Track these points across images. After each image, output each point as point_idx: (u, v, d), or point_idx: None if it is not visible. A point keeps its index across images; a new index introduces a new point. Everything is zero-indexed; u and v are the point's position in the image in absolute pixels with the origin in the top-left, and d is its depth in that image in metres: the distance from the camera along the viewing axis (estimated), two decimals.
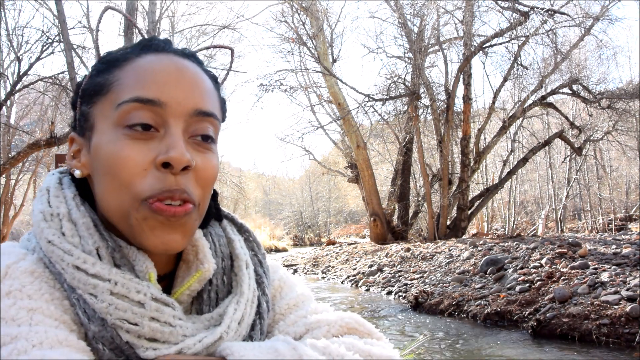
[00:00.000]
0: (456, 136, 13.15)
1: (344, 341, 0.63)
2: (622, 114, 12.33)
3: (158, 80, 0.60)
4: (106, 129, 0.60)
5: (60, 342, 0.51)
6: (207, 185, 0.63)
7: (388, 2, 13.60)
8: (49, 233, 0.59)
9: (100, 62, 0.65)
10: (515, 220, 17.72)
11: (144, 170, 0.58)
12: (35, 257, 0.59)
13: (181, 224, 0.59)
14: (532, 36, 11.44)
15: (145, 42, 0.65)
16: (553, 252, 7.11)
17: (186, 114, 0.61)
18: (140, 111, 0.59)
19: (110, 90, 0.61)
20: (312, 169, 33.78)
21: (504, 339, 5.16)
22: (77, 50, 8.42)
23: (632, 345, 4.49)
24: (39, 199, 0.63)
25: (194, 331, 0.60)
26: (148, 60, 0.62)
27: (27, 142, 10.79)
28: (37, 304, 0.54)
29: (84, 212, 0.61)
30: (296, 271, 12.97)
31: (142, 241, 0.59)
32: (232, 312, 0.64)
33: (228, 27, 11.21)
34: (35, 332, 0.50)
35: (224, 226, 0.75)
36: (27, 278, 0.56)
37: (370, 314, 6.82)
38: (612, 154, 18.90)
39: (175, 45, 0.67)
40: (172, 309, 0.59)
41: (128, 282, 0.57)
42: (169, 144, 0.58)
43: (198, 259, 0.66)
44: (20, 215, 17.44)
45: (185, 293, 0.65)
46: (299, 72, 15.31)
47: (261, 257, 0.75)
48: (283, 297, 0.75)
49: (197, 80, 0.63)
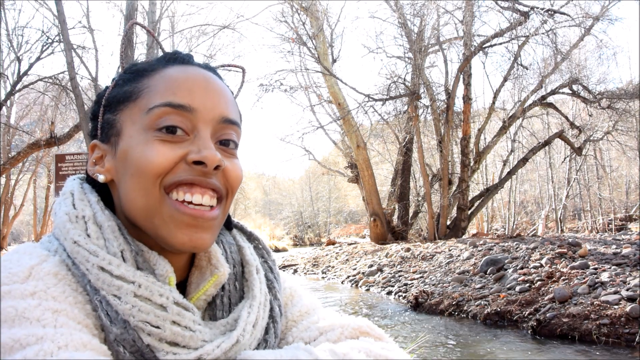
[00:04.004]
0: (456, 136, 13.16)
1: (362, 346, 0.64)
2: (622, 114, 12.33)
3: (188, 88, 0.63)
4: (135, 133, 0.62)
5: (84, 345, 0.51)
6: (234, 187, 0.66)
7: (388, 2, 13.61)
8: (74, 234, 0.60)
9: (126, 72, 0.68)
10: (515, 220, 17.72)
11: (174, 164, 0.60)
12: (57, 259, 0.59)
13: (208, 224, 0.62)
14: (532, 36, 11.44)
15: (170, 55, 0.68)
16: (553, 252, 7.11)
17: (214, 121, 0.64)
18: (172, 115, 0.62)
19: (139, 97, 0.64)
20: (312, 169, 33.80)
21: (504, 339, 5.16)
22: (77, 50, 8.42)
23: (632, 345, 4.49)
24: (63, 202, 0.64)
25: (212, 337, 0.61)
26: (176, 70, 0.65)
27: (27, 142, 10.79)
28: (62, 306, 0.54)
29: (109, 216, 0.62)
30: (296, 271, 12.97)
31: (169, 238, 0.60)
32: (246, 316, 0.65)
33: (228, 27, 11.21)
34: (60, 334, 0.50)
35: (234, 234, 0.77)
36: (51, 280, 0.56)
37: (370, 314, 6.82)
38: (612, 154, 18.91)
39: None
40: (192, 313, 0.60)
41: (151, 285, 0.58)
42: (200, 145, 0.61)
43: (212, 264, 0.67)
44: (20, 215, 17.44)
45: (201, 298, 0.66)
46: (299, 72, 15.31)
47: (271, 263, 0.77)
48: (295, 305, 0.77)
49: (223, 90, 0.67)
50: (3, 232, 13.47)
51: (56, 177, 6.12)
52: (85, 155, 6.16)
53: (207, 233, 0.61)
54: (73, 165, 6.22)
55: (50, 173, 14.70)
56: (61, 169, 6.18)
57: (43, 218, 17.05)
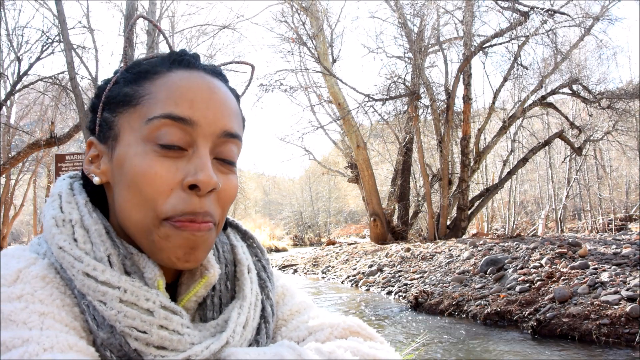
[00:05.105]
0: (456, 136, 13.16)
1: (349, 345, 0.63)
2: (622, 114, 12.33)
3: (190, 98, 0.61)
4: (133, 142, 0.61)
5: (70, 347, 0.51)
6: (226, 205, 0.64)
7: (388, 2, 13.61)
8: (60, 239, 0.59)
9: (128, 71, 0.65)
10: (515, 220, 17.73)
11: (170, 189, 0.59)
12: (46, 262, 0.59)
13: (203, 240, 0.60)
14: (532, 36, 11.44)
15: (175, 56, 0.65)
16: (553, 252, 7.11)
17: (214, 135, 0.62)
18: (171, 128, 0.60)
19: (139, 104, 0.62)
20: (312, 169, 33.81)
21: (504, 339, 5.16)
22: (77, 50, 8.42)
23: (632, 345, 4.49)
24: (51, 204, 0.63)
25: (201, 339, 0.60)
26: (179, 76, 0.63)
27: (27, 142, 10.79)
28: (49, 309, 0.54)
29: (97, 219, 0.61)
30: (296, 271, 12.97)
31: (164, 257, 0.60)
32: (236, 317, 0.64)
33: (228, 27, 11.21)
34: (46, 337, 0.50)
35: (228, 233, 0.76)
36: (38, 283, 0.56)
37: (370, 314, 6.82)
38: (612, 154, 18.91)
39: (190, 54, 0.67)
40: (180, 317, 0.59)
41: (137, 289, 0.57)
42: (197, 166, 0.59)
43: (202, 265, 0.66)
44: (20, 215, 17.45)
45: (192, 300, 0.65)
46: (299, 72, 15.31)
47: (265, 262, 0.76)
48: (286, 304, 0.76)
49: (227, 100, 0.65)
50: (3, 232, 13.48)
51: (56, 177, 6.12)
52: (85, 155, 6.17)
53: (200, 249, 0.61)
54: (73, 165, 6.22)
55: (50, 173, 14.71)
56: (61, 169, 6.18)
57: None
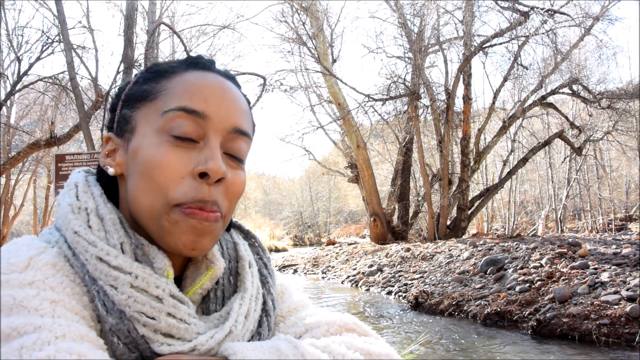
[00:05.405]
0: (456, 136, 13.16)
1: (344, 340, 0.65)
2: (622, 114, 12.33)
3: (204, 94, 0.65)
4: (148, 133, 0.64)
5: (82, 337, 0.52)
6: (234, 199, 0.67)
7: (388, 2, 13.61)
8: (75, 224, 0.61)
9: (147, 71, 0.70)
10: (515, 220, 17.73)
11: (181, 177, 0.62)
12: (56, 251, 0.60)
13: (210, 230, 0.63)
14: (532, 36, 11.44)
15: (192, 59, 0.70)
16: (553, 252, 7.11)
17: (225, 130, 0.65)
18: (184, 120, 0.63)
19: (156, 98, 0.65)
20: (312, 169, 33.82)
21: (504, 339, 5.16)
22: (77, 50, 8.42)
23: (632, 345, 4.49)
24: (67, 193, 0.66)
25: (206, 329, 0.62)
26: (195, 75, 0.67)
27: (27, 142, 10.79)
28: (60, 297, 0.55)
29: (111, 209, 0.64)
30: (296, 271, 12.97)
31: (171, 241, 0.62)
32: (238, 307, 0.67)
33: (228, 27, 11.20)
34: (58, 325, 0.51)
35: (231, 232, 0.79)
36: (49, 270, 0.57)
37: (370, 314, 6.82)
38: (612, 154, 18.91)
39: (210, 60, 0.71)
40: (187, 307, 0.61)
41: (148, 276, 0.59)
42: (207, 155, 0.62)
43: (207, 259, 0.69)
44: (20, 215, 17.44)
45: (197, 292, 0.67)
46: (299, 72, 15.31)
47: (266, 260, 0.79)
48: (284, 301, 0.79)
49: (238, 100, 0.69)
50: (3, 232, 13.48)
51: (56, 177, 6.12)
52: (85, 155, 6.17)
53: (208, 238, 0.63)
54: (73, 165, 6.22)
55: (50, 173, 14.71)
56: (61, 169, 6.18)
57: (43, 218, 17.06)
